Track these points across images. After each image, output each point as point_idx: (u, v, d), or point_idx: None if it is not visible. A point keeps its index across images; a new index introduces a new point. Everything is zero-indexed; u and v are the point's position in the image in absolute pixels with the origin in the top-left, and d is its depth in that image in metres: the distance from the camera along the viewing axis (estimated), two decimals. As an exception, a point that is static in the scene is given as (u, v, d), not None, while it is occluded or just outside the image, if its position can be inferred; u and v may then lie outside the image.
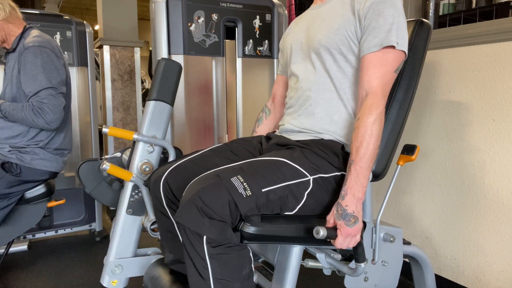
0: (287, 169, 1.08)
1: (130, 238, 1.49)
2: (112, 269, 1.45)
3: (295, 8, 3.11)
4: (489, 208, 1.61)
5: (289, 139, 1.26)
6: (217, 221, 0.97)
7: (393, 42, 1.08)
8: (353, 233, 1.02)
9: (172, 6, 1.87)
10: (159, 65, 1.50)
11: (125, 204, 1.48)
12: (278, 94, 1.51)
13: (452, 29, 1.72)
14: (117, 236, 1.48)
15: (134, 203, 1.49)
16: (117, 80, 3.21)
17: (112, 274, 1.45)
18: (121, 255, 1.48)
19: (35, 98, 1.65)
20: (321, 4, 1.29)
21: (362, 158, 1.04)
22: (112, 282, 1.45)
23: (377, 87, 1.08)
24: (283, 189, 1.05)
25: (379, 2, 1.11)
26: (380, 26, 1.10)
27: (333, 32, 1.18)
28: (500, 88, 1.55)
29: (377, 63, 1.10)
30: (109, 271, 1.45)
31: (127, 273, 1.48)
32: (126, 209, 1.48)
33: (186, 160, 1.25)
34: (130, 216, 1.49)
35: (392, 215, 2.01)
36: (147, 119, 1.49)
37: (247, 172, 1.04)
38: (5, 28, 1.75)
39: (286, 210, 1.08)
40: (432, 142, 1.80)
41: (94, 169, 1.59)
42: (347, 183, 1.04)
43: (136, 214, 1.49)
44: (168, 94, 1.51)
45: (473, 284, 1.69)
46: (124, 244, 1.48)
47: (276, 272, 1.19)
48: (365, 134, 1.04)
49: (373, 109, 1.06)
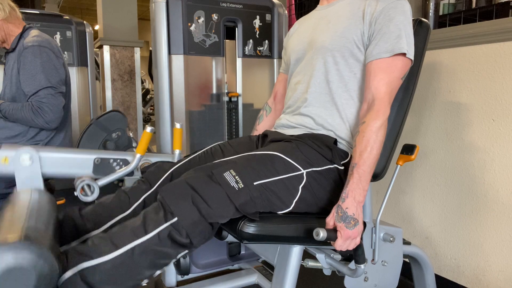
0: (280, 162, 1.08)
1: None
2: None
3: (295, 8, 3.12)
4: (489, 208, 1.61)
5: (283, 134, 1.27)
6: (198, 213, 0.95)
7: (403, 49, 1.09)
8: (353, 235, 1.02)
9: (172, 6, 1.87)
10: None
11: (103, 154, 1.47)
12: (280, 92, 1.52)
13: (452, 29, 1.72)
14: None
15: (105, 163, 1.47)
16: (117, 80, 3.21)
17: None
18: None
19: (35, 97, 1.65)
20: (327, 5, 1.29)
21: (365, 162, 1.04)
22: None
23: (385, 93, 1.09)
24: (276, 183, 1.05)
25: (391, 8, 1.11)
26: (391, 32, 1.10)
27: (338, 36, 1.18)
28: (500, 88, 1.55)
29: (386, 69, 1.10)
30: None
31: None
32: (96, 157, 1.46)
33: (190, 159, 1.26)
34: (92, 165, 1.46)
35: (392, 215, 2.01)
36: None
37: (239, 166, 1.04)
38: (4, 28, 1.75)
39: (283, 206, 1.08)
40: (432, 142, 1.80)
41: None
42: (349, 185, 1.04)
43: (95, 171, 1.45)
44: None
45: (473, 284, 1.68)
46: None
47: (276, 272, 1.19)
48: (370, 139, 1.05)
49: (380, 115, 1.07)
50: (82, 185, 1.38)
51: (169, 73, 1.89)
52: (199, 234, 0.97)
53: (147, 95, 6.48)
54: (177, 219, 0.94)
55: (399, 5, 1.12)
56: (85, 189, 1.39)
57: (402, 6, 1.12)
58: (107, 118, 1.68)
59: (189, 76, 1.96)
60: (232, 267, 1.92)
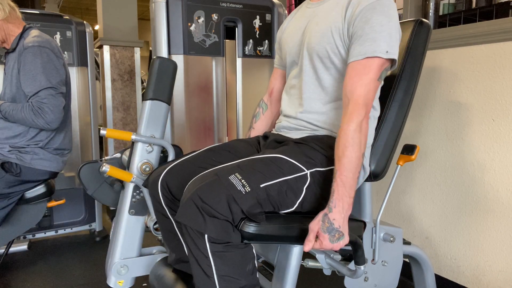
0: (284, 164, 1.08)
1: (134, 238, 1.50)
2: (118, 270, 1.45)
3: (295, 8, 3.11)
4: (489, 208, 1.61)
5: (285, 136, 1.27)
6: (218, 220, 0.97)
7: (376, 52, 1.07)
8: (335, 248, 1.01)
9: (172, 6, 1.87)
10: (154, 64, 1.49)
11: (127, 205, 1.48)
12: (275, 88, 1.50)
13: (452, 29, 1.72)
14: (121, 237, 1.48)
15: (136, 203, 1.49)
16: (117, 80, 3.21)
17: (118, 275, 1.45)
18: (126, 255, 1.48)
19: (35, 98, 1.65)
20: (317, 3, 1.28)
21: (346, 167, 1.02)
22: (119, 283, 1.46)
23: (359, 95, 1.07)
24: (282, 184, 1.05)
25: (368, 9, 1.09)
26: (366, 34, 1.08)
27: (326, 39, 1.17)
28: (500, 88, 1.55)
29: (360, 71, 1.08)
30: (115, 272, 1.45)
31: (133, 273, 1.48)
32: (129, 210, 1.48)
33: (183, 160, 1.25)
34: (133, 216, 1.49)
35: (392, 215, 2.01)
36: (145, 119, 1.49)
37: (245, 169, 1.04)
38: (4, 28, 1.75)
39: (286, 206, 1.08)
40: (432, 142, 1.80)
41: (94, 171, 1.59)
42: (335, 194, 1.02)
43: (139, 214, 1.49)
44: (164, 93, 1.50)
45: (473, 284, 1.69)
46: (128, 244, 1.49)
47: (276, 272, 1.19)
48: (346, 143, 1.03)
49: (354, 117, 1.05)
50: (153, 228, 1.49)
51: (169, 73, 1.89)
52: (233, 232, 1.00)
53: (147, 95, 6.46)
54: (207, 235, 0.98)
55: (378, 6, 1.09)
56: (157, 227, 1.47)
57: (381, 6, 1.09)
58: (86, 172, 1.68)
59: (189, 76, 1.96)
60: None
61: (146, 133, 1.49)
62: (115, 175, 1.42)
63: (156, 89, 1.48)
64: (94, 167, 1.59)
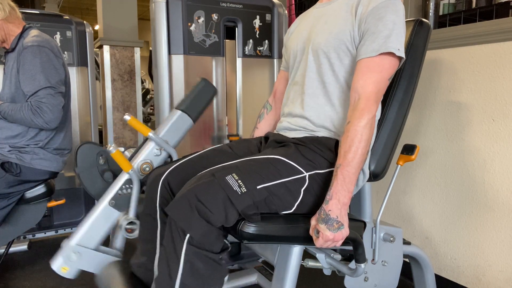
0: (282, 166, 1.08)
1: (100, 229, 1.43)
2: (69, 254, 1.36)
3: (295, 8, 3.12)
4: (489, 208, 1.61)
5: (285, 136, 1.27)
6: (206, 222, 0.96)
7: (391, 48, 1.08)
8: (336, 238, 1.01)
9: (172, 6, 1.87)
10: (199, 84, 1.57)
11: (111, 194, 1.45)
12: (280, 90, 1.52)
13: (452, 29, 1.72)
14: (89, 223, 1.42)
15: (121, 197, 1.45)
16: (117, 80, 3.21)
17: (67, 259, 1.37)
18: (85, 243, 1.40)
19: (34, 97, 1.65)
20: (326, 3, 1.29)
21: (350, 162, 1.03)
22: (63, 268, 1.37)
23: (371, 92, 1.07)
24: (279, 186, 1.05)
25: (382, 6, 1.10)
26: (379, 31, 1.09)
27: (333, 37, 1.18)
28: (500, 88, 1.55)
29: (373, 69, 1.09)
30: (65, 255, 1.36)
31: (81, 264, 1.39)
32: (110, 199, 1.44)
33: (187, 160, 1.25)
34: (111, 207, 1.44)
35: (392, 215, 2.01)
36: (168, 124, 1.51)
37: (242, 170, 1.04)
38: (4, 28, 1.75)
39: (284, 208, 1.08)
40: (432, 142, 1.80)
41: (92, 153, 1.56)
42: (333, 187, 1.03)
43: (117, 208, 1.45)
44: (195, 111, 1.56)
45: (473, 284, 1.68)
46: (92, 233, 1.42)
47: (276, 272, 1.19)
48: (354, 138, 1.04)
49: (365, 114, 1.05)
50: (125, 227, 1.42)
51: (169, 73, 1.89)
52: (216, 240, 1.00)
53: (147, 95, 6.47)
54: (189, 234, 0.97)
55: (391, 4, 1.10)
56: (129, 228, 1.43)
57: (394, 5, 1.11)
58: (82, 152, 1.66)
59: (189, 76, 1.96)
60: (232, 267, 1.92)
61: (164, 136, 1.50)
62: (117, 158, 1.40)
63: (191, 104, 1.54)
64: (93, 149, 1.57)
